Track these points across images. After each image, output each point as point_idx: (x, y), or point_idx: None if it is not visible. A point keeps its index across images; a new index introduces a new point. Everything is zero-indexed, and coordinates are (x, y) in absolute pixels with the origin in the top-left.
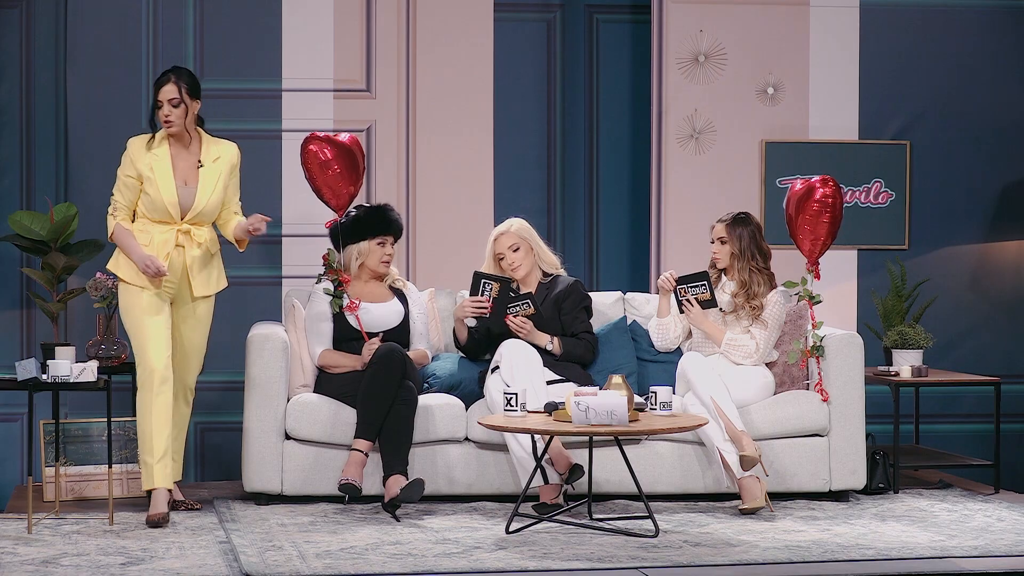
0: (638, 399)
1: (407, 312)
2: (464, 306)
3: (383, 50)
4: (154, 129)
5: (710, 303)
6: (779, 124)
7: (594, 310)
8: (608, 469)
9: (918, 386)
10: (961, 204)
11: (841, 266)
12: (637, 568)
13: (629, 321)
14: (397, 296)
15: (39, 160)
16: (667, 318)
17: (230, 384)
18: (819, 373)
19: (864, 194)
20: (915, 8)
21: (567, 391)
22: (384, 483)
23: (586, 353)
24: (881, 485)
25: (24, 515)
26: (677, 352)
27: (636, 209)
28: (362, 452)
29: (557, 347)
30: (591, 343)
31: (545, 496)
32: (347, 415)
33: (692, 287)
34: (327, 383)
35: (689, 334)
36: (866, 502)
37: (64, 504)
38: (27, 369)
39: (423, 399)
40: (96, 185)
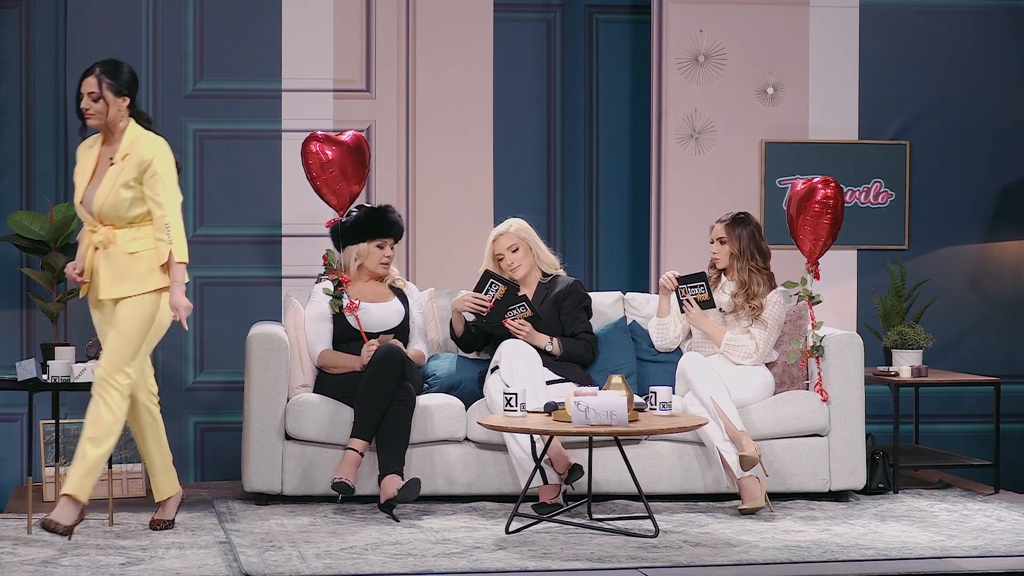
0: (638, 399)
1: (407, 312)
2: (465, 299)
3: (383, 50)
4: (81, 122)
5: (708, 303)
6: (779, 124)
7: (594, 310)
8: (608, 469)
9: (918, 386)
10: (961, 204)
11: (841, 266)
12: (637, 568)
13: (629, 321)
14: (397, 296)
15: (39, 160)
16: (667, 318)
17: (230, 384)
18: (819, 373)
19: (864, 194)
20: (915, 8)
21: (567, 391)
22: (380, 483)
23: (586, 353)
24: (881, 485)
25: (24, 515)
26: (677, 352)
27: (636, 209)
28: (357, 451)
29: (557, 348)
30: (591, 343)
31: (545, 496)
32: (347, 415)
33: (691, 287)
34: (327, 383)
35: (689, 334)
36: (866, 502)
37: None
38: (27, 369)
39: (423, 399)
40: None
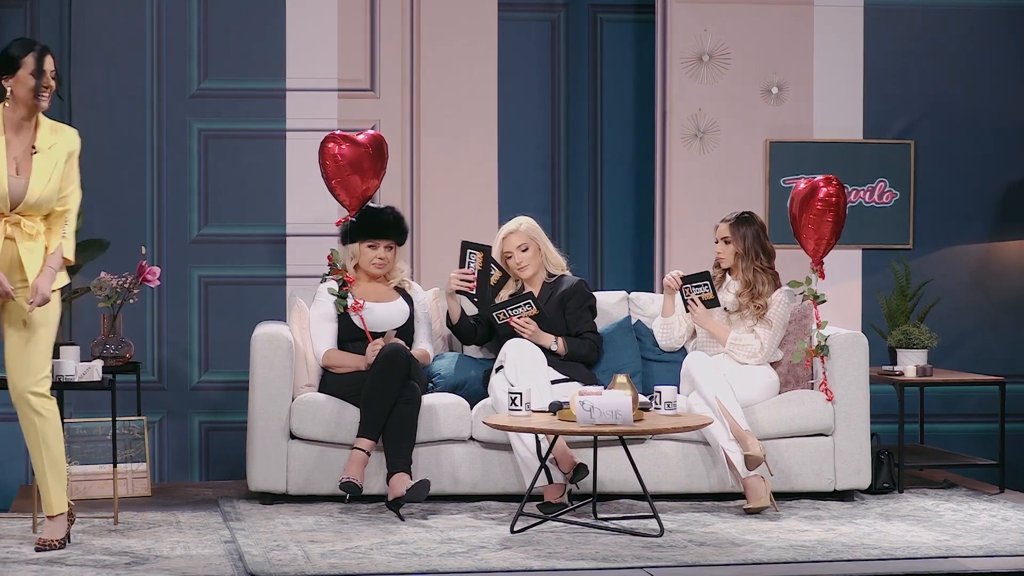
0: (642, 399)
1: (412, 312)
2: (451, 279)
3: (387, 50)
4: (35, 101)
5: (713, 303)
6: (783, 123)
7: (598, 310)
8: (613, 469)
9: (922, 386)
10: (966, 203)
11: (845, 265)
12: (642, 568)
13: (633, 321)
14: (402, 296)
15: None
16: (672, 317)
17: (234, 384)
18: (823, 373)
19: (868, 193)
20: (919, 7)
21: (571, 391)
22: (388, 481)
23: (590, 353)
24: (886, 485)
25: (29, 514)
26: (681, 352)
27: (640, 208)
28: (364, 451)
29: (562, 347)
30: (595, 343)
31: (550, 496)
32: (352, 414)
33: (695, 286)
34: (332, 383)
35: (693, 334)
36: (871, 502)
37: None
38: None
39: (428, 399)
40: (101, 185)
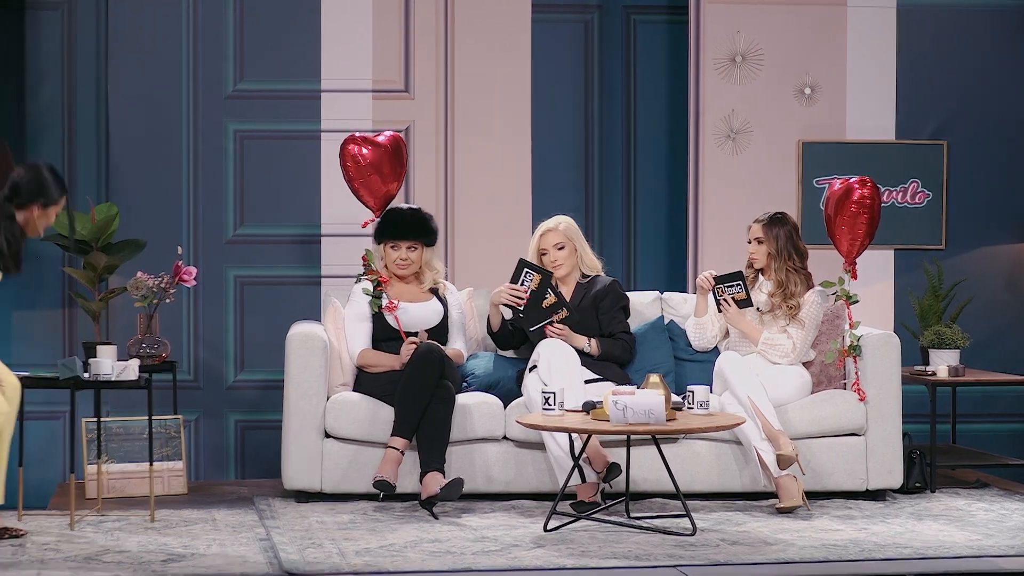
0: (675, 398)
1: (446, 312)
2: (501, 291)
3: (421, 51)
4: None
5: (746, 303)
6: (816, 124)
7: (631, 310)
8: (645, 468)
9: (955, 386)
10: (998, 204)
11: (878, 266)
12: (675, 566)
13: (666, 321)
14: (436, 296)
15: (81, 160)
16: (704, 317)
17: (270, 383)
18: (856, 372)
19: (901, 194)
20: (952, 8)
21: (605, 390)
22: (421, 480)
23: (624, 354)
24: (918, 484)
25: (67, 512)
26: (714, 351)
27: (673, 209)
28: (398, 450)
29: (595, 349)
30: (628, 343)
31: (583, 494)
32: (386, 413)
33: (728, 287)
34: (366, 382)
35: (726, 334)
36: (903, 501)
37: (106, 501)
38: (69, 368)
39: (461, 398)
40: (137, 185)
